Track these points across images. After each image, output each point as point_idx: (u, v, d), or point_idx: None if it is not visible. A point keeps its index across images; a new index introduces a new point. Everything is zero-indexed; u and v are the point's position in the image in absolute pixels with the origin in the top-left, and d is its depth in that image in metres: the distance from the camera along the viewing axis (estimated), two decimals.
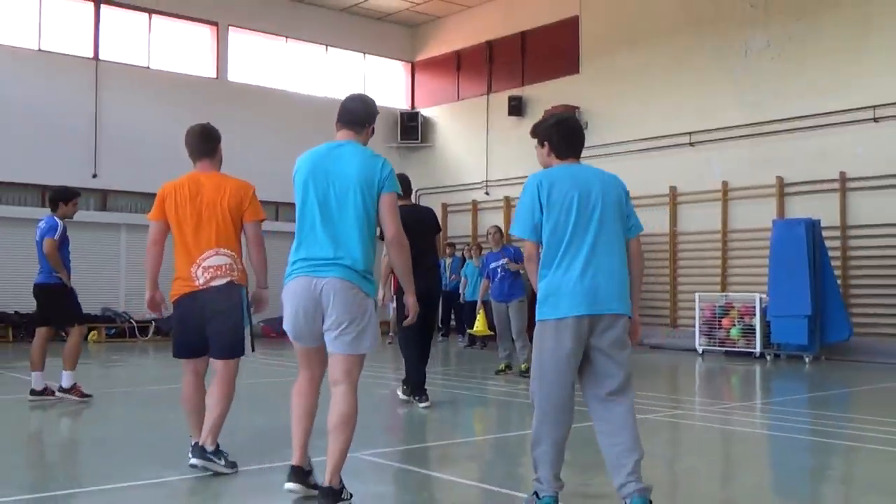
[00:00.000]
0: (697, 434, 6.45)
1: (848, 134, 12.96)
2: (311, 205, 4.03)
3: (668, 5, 15.29)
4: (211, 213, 4.80)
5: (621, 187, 4.10)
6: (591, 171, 4.14)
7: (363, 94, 4.49)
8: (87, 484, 4.63)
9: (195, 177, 4.95)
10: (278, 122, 17.86)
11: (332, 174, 4.03)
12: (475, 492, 4.46)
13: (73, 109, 15.83)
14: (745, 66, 14.21)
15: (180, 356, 4.95)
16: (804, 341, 11.69)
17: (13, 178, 15.23)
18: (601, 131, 16.21)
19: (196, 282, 4.75)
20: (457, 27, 19.37)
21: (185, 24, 17.42)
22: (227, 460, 4.80)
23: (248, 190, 4.97)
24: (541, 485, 3.77)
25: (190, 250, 4.79)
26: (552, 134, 4.14)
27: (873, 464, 5.35)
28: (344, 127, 4.22)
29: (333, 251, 3.96)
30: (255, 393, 7.93)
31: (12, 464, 5.27)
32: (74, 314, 7.78)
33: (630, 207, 4.10)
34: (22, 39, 15.53)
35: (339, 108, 4.26)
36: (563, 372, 3.74)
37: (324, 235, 3.99)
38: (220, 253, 4.80)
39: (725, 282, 14.17)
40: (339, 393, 3.96)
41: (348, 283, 3.95)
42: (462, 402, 8.04)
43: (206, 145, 5.08)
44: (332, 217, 4.00)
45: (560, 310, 3.76)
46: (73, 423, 6.86)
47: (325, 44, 19.15)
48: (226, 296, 4.80)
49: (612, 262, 3.86)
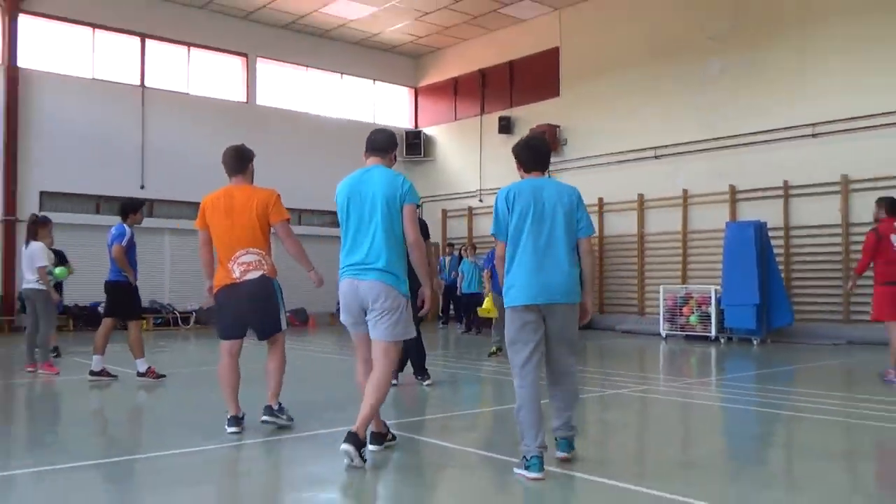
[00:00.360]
0: (662, 406, 6.48)
1: (790, 148, 12.99)
2: (351, 220, 4.31)
3: (636, 38, 15.30)
4: (242, 219, 4.98)
5: (574, 196, 4.27)
6: (549, 183, 4.31)
7: (386, 128, 4.80)
8: (138, 452, 4.66)
9: (229, 190, 5.11)
10: (300, 140, 17.89)
11: (364, 194, 4.28)
12: (474, 458, 4.48)
13: (123, 130, 15.84)
14: (702, 91, 14.23)
15: (223, 338, 5.14)
16: (753, 326, 11.73)
17: (72, 190, 15.26)
18: (578, 147, 16.24)
19: (233, 275, 4.97)
20: (454, 57, 19.38)
21: (219, 55, 17.42)
22: (288, 415, 5.17)
23: (272, 196, 5.11)
24: (527, 447, 3.91)
25: (226, 250, 5.00)
26: (520, 152, 4.40)
27: (812, 431, 5.37)
28: (372, 154, 4.50)
29: (369, 257, 4.24)
30: None
31: (76, 435, 5.31)
32: (135, 309, 7.83)
33: (581, 213, 4.25)
34: (79, 70, 15.55)
35: (368, 140, 4.55)
36: (527, 343, 4.05)
37: (361, 244, 4.27)
38: (249, 252, 4.99)
39: (685, 275, 14.20)
40: (377, 367, 4.27)
41: (382, 284, 4.22)
42: (460, 381, 8.05)
43: (239, 164, 5.23)
44: (367, 229, 4.26)
45: (518, 299, 4.06)
46: (125, 400, 6.88)
47: (340, 72, 19.16)
48: (260, 286, 5.02)
49: (561, 259, 4.09)
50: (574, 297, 4.13)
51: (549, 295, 4.03)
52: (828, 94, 12.53)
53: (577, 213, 4.21)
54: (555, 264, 4.07)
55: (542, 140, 4.71)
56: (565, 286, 4.07)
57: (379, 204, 4.23)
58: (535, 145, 4.45)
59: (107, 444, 5.04)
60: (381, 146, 4.50)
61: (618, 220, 15.52)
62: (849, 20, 12.35)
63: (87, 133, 15.31)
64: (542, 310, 4.05)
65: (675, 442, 5.13)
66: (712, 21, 14.12)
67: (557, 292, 4.05)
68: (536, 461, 3.84)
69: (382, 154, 4.50)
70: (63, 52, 15.42)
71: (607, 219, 15.66)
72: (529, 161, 4.34)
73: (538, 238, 4.09)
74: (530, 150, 4.37)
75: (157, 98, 16.33)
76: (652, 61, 15.01)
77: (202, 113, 16.86)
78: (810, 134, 12.73)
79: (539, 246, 4.08)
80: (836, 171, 12.40)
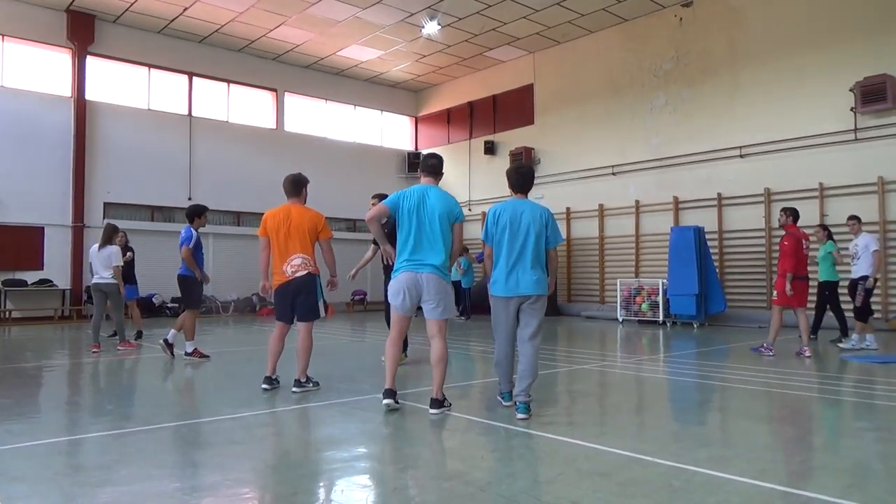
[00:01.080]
0: (618, 379, 6.48)
1: (723, 166, 13.04)
2: (413, 225, 4.51)
3: (596, 77, 15.34)
4: (296, 231, 5.35)
5: (546, 216, 4.65)
6: (527, 204, 4.65)
7: (437, 153, 4.98)
8: (186, 418, 4.63)
9: (287, 208, 5.46)
10: (321, 161, 17.85)
11: (426, 206, 4.53)
12: (463, 422, 4.47)
13: (174, 151, 15.78)
14: (651, 119, 14.27)
15: (277, 319, 5.50)
16: (693, 312, 11.77)
17: (131, 201, 15.19)
18: (550, 165, 16.26)
19: (286, 274, 5.34)
20: (447, 92, 19.37)
21: (253, 90, 17.36)
22: (314, 382, 5.46)
23: (321, 219, 5.53)
24: (501, 387, 4.77)
25: (283, 254, 5.36)
26: (510, 176, 4.76)
27: (741, 398, 5.39)
28: (428, 175, 4.72)
29: (428, 255, 4.48)
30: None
31: (140, 403, 5.28)
32: (194, 300, 7.70)
33: (550, 230, 4.63)
34: (137, 102, 15.48)
35: (423, 162, 4.76)
36: (505, 321, 4.60)
37: (422, 245, 4.49)
38: (299, 256, 5.37)
39: (638, 270, 14.23)
40: (436, 342, 4.52)
41: (437, 276, 4.47)
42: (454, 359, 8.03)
43: (295, 188, 5.54)
44: (426, 234, 4.49)
45: (497, 291, 4.60)
46: (174, 375, 6.83)
47: (353, 104, 19.12)
48: (305, 282, 5.38)
49: (527, 265, 4.51)
50: (539, 290, 4.53)
51: (518, 290, 4.51)
52: (753, 122, 12.60)
53: (547, 231, 4.61)
54: (523, 268, 4.51)
55: (529, 169, 4.90)
56: (531, 283, 4.50)
57: (438, 216, 4.50)
58: (524, 172, 4.75)
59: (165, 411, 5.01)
60: (436, 170, 4.74)
61: (582, 225, 15.55)
62: (770, 62, 12.42)
63: (144, 154, 15.25)
64: (514, 299, 4.54)
65: (630, 408, 5.14)
66: (658, 62, 14.17)
67: (525, 288, 4.50)
68: (507, 395, 4.71)
69: (436, 177, 4.75)
70: (124, 87, 15.35)
71: (574, 224, 15.69)
72: (518, 185, 4.68)
73: (512, 248, 4.53)
74: (519, 176, 4.70)
75: (201, 125, 16.27)
76: (609, 95, 15.05)
77: (239, 137, 16.81)
78: (739, 155, 12.79)
79: (513, 254, 4.52)
80: (761, 185, 12.45)
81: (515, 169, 4.76)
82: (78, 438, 4.03)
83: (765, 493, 2.91)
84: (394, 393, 4.57)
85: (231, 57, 16.67)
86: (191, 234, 7.55)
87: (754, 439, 3.96)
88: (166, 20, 14.81)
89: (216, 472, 3.24)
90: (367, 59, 17.27)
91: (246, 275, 15.59)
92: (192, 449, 3.76)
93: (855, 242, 8.52)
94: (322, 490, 3.04)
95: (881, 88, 10.78)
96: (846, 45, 11.47)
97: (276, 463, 3.50)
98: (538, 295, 4.51)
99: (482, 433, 4.15)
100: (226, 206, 16.33)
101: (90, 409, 5.03)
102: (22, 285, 13.61)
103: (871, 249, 8.24)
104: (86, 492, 2.93)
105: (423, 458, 3.64)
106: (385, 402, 4.54)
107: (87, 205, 14.48)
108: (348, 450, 3.74)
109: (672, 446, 3.76)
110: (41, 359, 7.93)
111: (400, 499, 2.90)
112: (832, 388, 5.79)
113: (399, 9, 13.97)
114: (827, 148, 11.66)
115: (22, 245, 13.73)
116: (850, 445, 3.73)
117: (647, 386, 6.15)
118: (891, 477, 3.21)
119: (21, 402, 5.12)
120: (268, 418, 4.61)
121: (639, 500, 2.80)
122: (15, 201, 13.62)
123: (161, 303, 14.98)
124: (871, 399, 5.19)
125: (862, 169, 11.22)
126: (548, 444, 3.82)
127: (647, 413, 4.99)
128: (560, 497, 2.82)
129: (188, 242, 7.47)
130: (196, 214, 7.70)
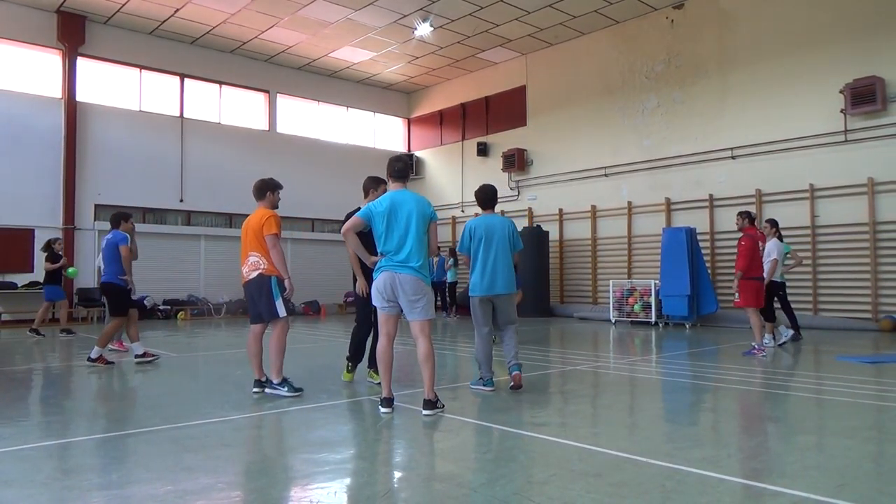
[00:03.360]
0: (611, 379, 6.49)
1: (714, 167, 13.11)
2: (390, 228, 4.56)
3: (589, 78, 15.38)
4: (251, 231, 5.37)
5: (511, 227, 5.62)
6: (496, 219, 5.59)
7: (403, 156, 5.11)
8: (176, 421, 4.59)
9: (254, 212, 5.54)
10: (313, 162, 17.84)
11: (401, 210, 4.57)
12: (456, 423, 4.46)
13: (165, 153, 15.72)
14: (642, 121, 14.32)
15: (250, 322, 5.55)
16: (685, 313, 11.80)
17: (122, 203, 15.08)
18: (542, 166, 16.29)
19: (243, 275, 5.43)
20: (440, 93, 19.37)
21: (245, 91, 17.32)
22: (293, 387, 5.25)
23: (265, 215, 5.36)
24: (484, 373, 5.47)
25: (243, 256, 5.44)
26: (478, 196, 5.67)
27: (733, 399, 5.41)
28: (396, 179, 4.76)
29: (405, 257, 4.54)
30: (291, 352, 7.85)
31: (122, 407, 5.24)
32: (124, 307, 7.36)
33: (515, 237, 5.59)
34: (128, 103, 15.42)
35: (390, 167, 4.78)
36: (483, 315, 5.53)
37: (399, 248, 4.54)
38: (252, 254, 5.34)
39: (631, 271, 14.28)
40: (420, 342, 4.58)
41: (415, 277, 4.54)
42: (449, 360, 8.02)
43: (258, 193, 5.57)
44: (403, 236, 4.55)
45: (477, 292, 5.50)
46: (164, 378, 6.77)
47: (346, 105, 19.11)
48: (257, 283, 5.32)
49: (499, 268, 5.45)
50: (510, 289, 5.51)
51: (493, 290, 5.45)
52: (744, 124, 12.67)
53: (513, 239, 5.59)
54: (494, 271, 5.44)
55: (493, 188, 5.68)
56: (504, 283, 5.47)
57: (414, 218, 4.57)
58: (488, 191, 5.61)
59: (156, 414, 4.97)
60: (404, 174, 4.83)
61: (574, 226, 15.59)
62: (760, 64, 12.49)
63: (135, 156, 15.17)
64: (490, 298, 5.50)
65: (622, 409, 5.14)
66: (649, 64, 14.22)
67: (500, 288, 5.46)
68: (490, 382, 5.44)
69: (405, 180, 4.84)
70: (114, 89, 15.27)
71: (566, 225, 15.71)
72: (484, 202, 5.63)
73: (487, 255, 5.44)
74: (485, 195, 5.62)
75: (193, 127, 16.20)
76: (601, 97, 15.10)
77: (231, 139, 16.76)
78: (730, 156, 12.85)
79: (488, 260, 5.44)
80: (752, 186, 12.52)
81: (481, 189, 5.62)
82: (68, 442, 3.99)
83: (757, 493, 2.92)
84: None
85: (223, 58, 16.61)
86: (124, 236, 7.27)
87: (747, 440, 3.97)
88: (158, 21, 14.74)
89: (207, 475, 3.22)
90: (359, 61, 17.25)
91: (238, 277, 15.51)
92: (182, 452, 3.73)
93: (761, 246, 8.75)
94: (313, 493, 3.02)
95: (871, 90, 10.87)
96: (836, 47, 11.56)
97: (268, 465, 3.48)
98: (509, 293, 5.51)
99: (475, 434, 4.15)
100: (217, 208, 16.27)
101: (80, 413, 4.98)
102: (12, 288, 13.50)
103: (770, 257, 8.61)
104: (76, 496, 2.90)
105: (415, 459, 3.63)
106: (383, 411, 4.57)
107: (77, 207, 14.38)
108: (340, 452, 3.73)
109: (665, 447, 3.76)
110: (30, 362, 7.85)
111: (391, 501, 2.89)
112: (828, 387, 5.82)
113: (391, 10, 13.97)
114: (817, 149, 11.74)
115: (11, 247, 13.62)
116: (842, 445, 3.75)
117: (640, 387, 6.16)
118: (881, 476, 3.22)
119: (10, 406, 5.07)
120: (258, 421, 4.58)
121: (632, 500, 2.80)
122: (4, 203, 13.50)
123: (153, 305, 14.89)
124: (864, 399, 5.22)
125: (852, 170, 11.30)
126: (541, 445, 3.82)
127: (640, 414, 5.00)
128: (553, 498, 2.82)
129: (126, 242, 7.21)
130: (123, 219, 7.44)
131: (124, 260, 7.22)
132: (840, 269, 11.42)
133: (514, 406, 4.89)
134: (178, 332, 11.61)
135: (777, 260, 8.67)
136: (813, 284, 11.64)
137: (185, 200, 15.77)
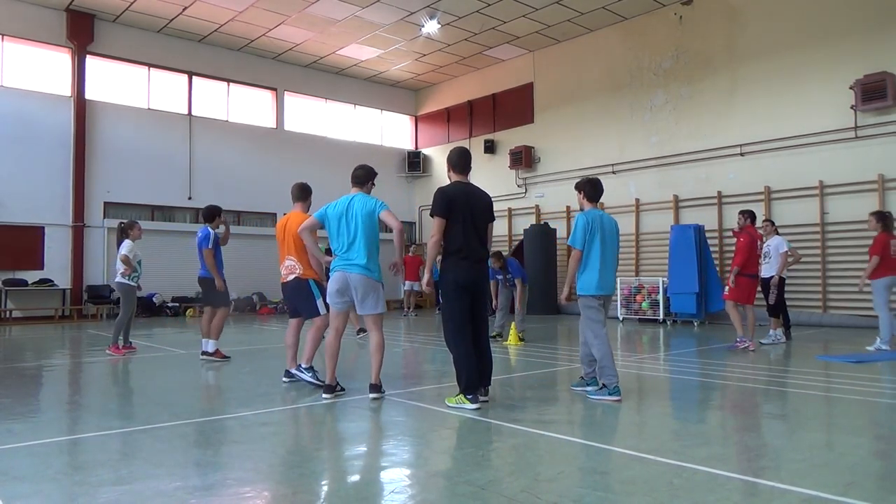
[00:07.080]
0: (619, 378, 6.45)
1: (723, 164, 13.04)
2: (342, 229, 4.92)
3: (597, 75, 15.33)
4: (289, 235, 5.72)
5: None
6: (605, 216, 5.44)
7: (365, 165, 5.27)
8: (186, 418, 4.61)
9: (290, 214, 5.89)
10: (321, 160, 17.86)
11: (350, 213, 4.93)
12: (464, 420, 4.47)
13: (174, 151, 15.79)
14: (650, 117, 14.26)
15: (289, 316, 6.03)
16: (693, 311, 11.77)
17: (131, 200, 15.21)
18: (549, 164, 16.26)
19: (282, 276, 5.78)
20: (447, 91, 19.36)
21: (253, 89, 17.37)
22: (317, 377, 5.52)
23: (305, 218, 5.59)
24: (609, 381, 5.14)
25: (280, 257, 5.80)
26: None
27: (740, 396, 5.40)
28: (355, 185, 5.13)
29: (355, 256, 4.87)
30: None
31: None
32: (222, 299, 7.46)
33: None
34: (137, 101, 15.49)
35: (352, 174, 5.14)
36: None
37: (349, 247, 4.88)
38: (288, 258, 5.72)
39: (638, 269, 14.23)
40: (372, 334, 4.96)
41: (364, 275, 4.85)
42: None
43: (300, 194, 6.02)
44: (352, 236, 4.89)
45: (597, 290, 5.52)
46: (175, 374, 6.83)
47: (354, 103, 19.13)
48: (294, 287, 5.73)
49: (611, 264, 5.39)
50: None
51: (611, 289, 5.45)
52: (753, 121, 12.59)
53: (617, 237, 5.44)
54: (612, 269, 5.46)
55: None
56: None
57: (361, 220, 4.87)
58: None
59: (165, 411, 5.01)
60: (361, 180, 5.10)
61: None
62: (769, 60, 12.41)
63: (144, 153, 15.26)
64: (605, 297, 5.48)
65: (630, 406, 5.14)
66: (658, 60, 14.15)
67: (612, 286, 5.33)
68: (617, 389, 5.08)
69: (361, 185, 5.10)
70: (123, 87, 15.36)
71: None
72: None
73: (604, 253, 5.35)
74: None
75: (201, 124, 16.26)
76: (608, 94, 15.04)
77: (239, 137, 16.81)
78: (739, 153, 12.78)
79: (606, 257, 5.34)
80: (761, 184, 12.45)
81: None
82: (79, 438, 4.03)
83: (765, 490, 2.91)
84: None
85: (231, 56, 16.66)
86: (208, 233, 7.29)
87: (755, 437, 3.96)
88: (166, 19, 14.80)
89: (217, 472, 3.24)
90: (366, 59, 17.26)
91: (246, 274, 15.58)
92: (192, 448, 3.76)
93: (767, 244, 8.79)
94: (323, 489, 3.03)
95: (881, 86, 10.78)
96: (846, 43, 11.46)
97: (277, 462, 3.50)
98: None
99: (483, 431, 4.15)
100: (226, 206, 16.26)
101: (91, 409, 5.02)
102: (22, 285, 13.62)
103: (780, 251, 8.65)
104: (86, 491, 2.93)
105: (422, 456, 3.64)
106: (325, 396, 5.00)
107: (87, 204, 14.48)
108: (349, 449, 3.74)
109: (672, 444, 3.75)
110: (41, 358, 7.92)
111: (401, 498, 2.90)
112: (836, 385, 5.79)
113: (399, 8, 13.96)
114: (827, 146, 11.66)
115: (22, 245, 13.73)
116: (851, 443, 3.73)
117: (648, 384, 6.15)
118: (891, 475, 3.20)
119: (21, 402, 5.12)
120: (267, 417, 4.60)
121: (639, 498, 2.79)
122: (15, 201, 13.61)
123: (161, 302, 14.98)
124: (874, 397, 5.19)
125: (862, 167, 11.21)
126: (548, 442, 3.82)
127: (648, 411, 4.99)
128: (561, 495, 2.82)
129: (207, 244, 7.21)
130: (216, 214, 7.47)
131: (207, 262, 7.19)
132: (850, 266, 11.33)
133: (522, 403, 4.89)
134: (186, 330, 11.68)
135: (787, 252, 8.68)
136: (822, 282, 11.57)
137: (193, 198, 15.84)
